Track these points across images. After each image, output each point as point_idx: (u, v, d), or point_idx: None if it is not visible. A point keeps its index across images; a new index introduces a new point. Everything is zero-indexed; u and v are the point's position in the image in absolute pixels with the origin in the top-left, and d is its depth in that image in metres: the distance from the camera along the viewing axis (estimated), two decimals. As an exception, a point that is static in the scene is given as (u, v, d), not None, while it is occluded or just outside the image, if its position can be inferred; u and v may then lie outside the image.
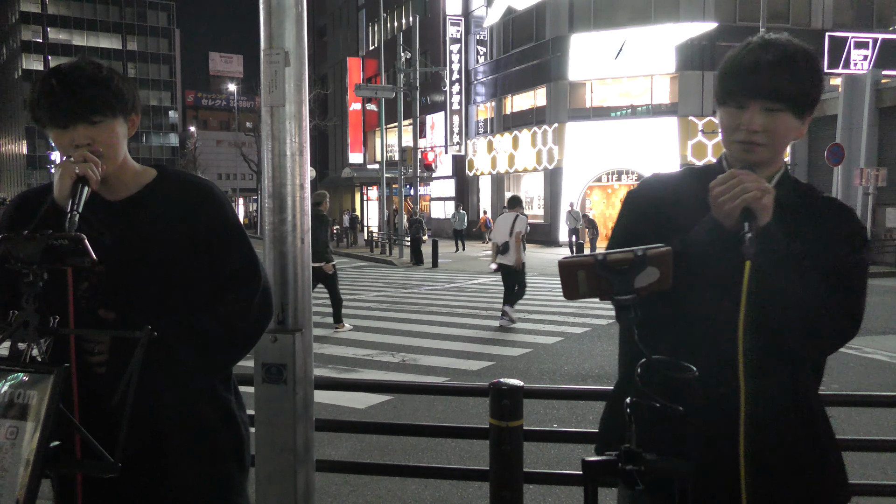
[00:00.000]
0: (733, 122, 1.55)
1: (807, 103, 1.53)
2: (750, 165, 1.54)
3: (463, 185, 36.75)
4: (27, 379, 1.43)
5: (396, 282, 16.91)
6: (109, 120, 1.65)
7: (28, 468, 1.38)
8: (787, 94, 1.50)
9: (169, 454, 1.71)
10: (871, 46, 27.31)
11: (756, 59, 1.51)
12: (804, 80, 1.51)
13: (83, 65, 1.67)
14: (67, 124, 1.61)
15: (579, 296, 1.39)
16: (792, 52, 1.51)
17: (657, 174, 1.76)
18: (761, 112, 1.51)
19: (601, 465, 1.37)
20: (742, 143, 1.54)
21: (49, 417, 1.40)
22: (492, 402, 2.72)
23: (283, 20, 2.40)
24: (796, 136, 1.57)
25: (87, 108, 1.61)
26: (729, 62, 1.56)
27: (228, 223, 1.80)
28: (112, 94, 1.65)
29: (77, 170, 1.57)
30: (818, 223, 1.58)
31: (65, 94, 1.59)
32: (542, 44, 30.44)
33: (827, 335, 1.54)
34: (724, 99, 1.57)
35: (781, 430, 1.54)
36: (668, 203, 1.63)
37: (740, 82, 1.52)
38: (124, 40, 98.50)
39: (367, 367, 7.59)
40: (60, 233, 1.45)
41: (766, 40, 1.54)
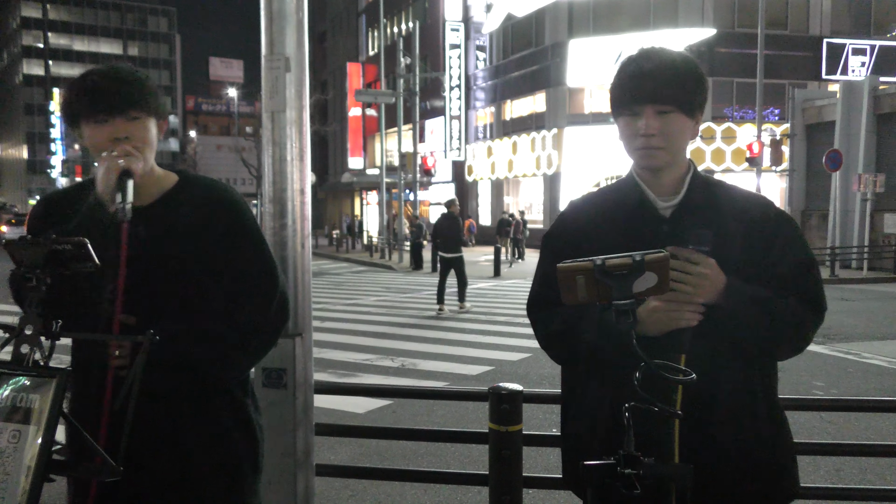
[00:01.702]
0: (630, 129, 1.63)
1: (694, 103, 1.61)
2: (653, 170, 1.63)
3: (462, 191, 36.77)
4: (29, 383, 1.44)
5: (396, 286, 16.90)
6: (145, 118, 1.70)
7: (30, 472, 1.38)
8: (673, 95, 1.58)
9: (187, 455, 1.72)
10: (868, 53, 27.40)
11: (638, 67, 1.60)
12: (685, 80, 1.60)
13: (121, 66, 1.74)
14: (107, 118, 1.65)
15: (578, 301, 1.40)
16: (670, 57, 1.61)
17: (570, 204, 1.81)
18: (654, 115, 1.59)
19: (600, 469, 1.38)
20: (642, 149, 1.61)
21: (51, 421, 1.41)
22: (491, 407, 2.73)
23: (283, 26, 2.42)
24: (692, 136, 1.65)
25: (127, 102, 1.65)
26: (616, 75, 1.65)
27: (248, 230, 1.81)
28: (149, 92, 1.71)
29: (122, 162, 1.61)
30: (743, 227, 1.62)
31: (108, 87, 1.64)
32: (541, 49, 30.50)
33: (802, 339, 1.63)
34: (618, 111, 1.65)
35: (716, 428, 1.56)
36: (580, 235, 1.69)
37: (628, 91, 1.60)
38: (125, 46, 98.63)
39: (367, 371, 7.59)
40: (64, 238, 1.46)
41: (645, 51, 1.63)
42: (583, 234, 1.68)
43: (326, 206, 51.94)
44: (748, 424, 1.59)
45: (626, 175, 1.73)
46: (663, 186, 1.65)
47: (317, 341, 4.53)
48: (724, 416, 1.57)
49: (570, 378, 1.76)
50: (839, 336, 9.43)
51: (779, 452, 1.63)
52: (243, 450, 1.81)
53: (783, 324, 1.57)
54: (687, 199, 1.64)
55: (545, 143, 29.68)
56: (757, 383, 1.62)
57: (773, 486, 1.62)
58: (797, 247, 1.65)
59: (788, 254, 1.63)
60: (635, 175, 1.69)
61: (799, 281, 1.62)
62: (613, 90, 1.65)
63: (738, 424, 1.58)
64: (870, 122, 21.06)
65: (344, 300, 13.88)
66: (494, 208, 33.79)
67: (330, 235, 35.02)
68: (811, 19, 28.07)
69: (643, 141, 1.60)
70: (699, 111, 1.64)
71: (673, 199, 1.65)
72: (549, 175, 29.69)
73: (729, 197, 1.67)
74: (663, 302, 1.48)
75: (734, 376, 1.58)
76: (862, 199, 19.71)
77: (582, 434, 1.68)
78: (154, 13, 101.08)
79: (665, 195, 1.65)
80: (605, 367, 1.59)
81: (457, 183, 36.85)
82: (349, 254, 28.82)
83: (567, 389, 1.78)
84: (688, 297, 1.48)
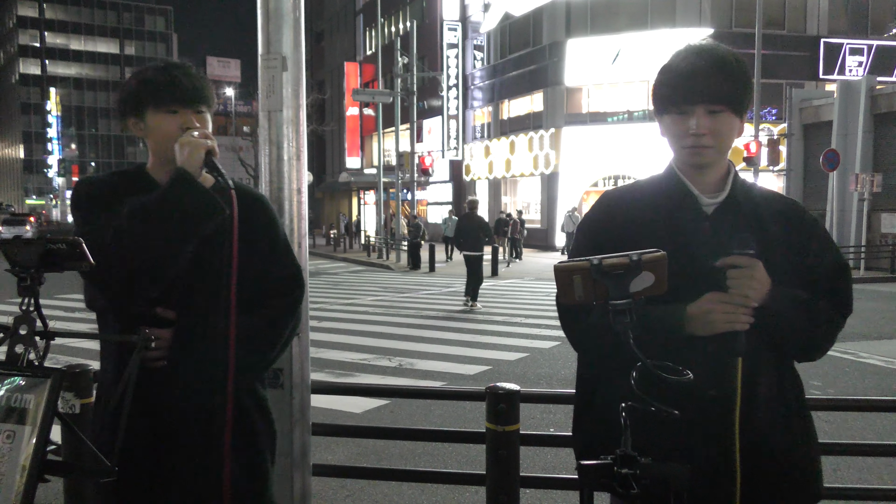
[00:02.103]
0: (680, 128, 1.60)
1: (743, 102, 1.61)
2: (699, 167, 1.62)
3: (460, 190, 36.76)
4: (24, 383, 1.43)
5: (393, 286, 16.90)
6: (206, 112, 1.84)
7: (25, 473, 1.38)
8: (726, 95, 1.57)
9: (226, 454, 1.76)
10: (865, 53, 27.44)
11: (691, 65, 1.58)
12: (738, 80, 1.59)
13: (186, 63, 1.88)
14: (178, 108, 1.78)
15: (575, 300, 1.40)
16: (723, 55, 1.59)
17: (607, 194, 1.79)
18: (706, 115, 1.57)
19: (597, 469, 1.37)
20: (691, 147, 1.60)
21: (46, 422, 1.40)
22: (488, 407, 2.72)
23: (280, 25, 2.41)
24: (738, 135, 1.64)
25: (199, 96, 1.81)
26: (665, 72, 1.63)
27: (280, 233, 1.94)
28: (210, 89, 1.86)
29: (209, 142, 1.74)
30: (781, 229, 1.63)
31: (184, 81, 1.78)
32: (538, 49, 30.51)
33: (831, 341, 1.66)
34: (666, 108, 1.63)
35: (772, 429, 1.58)
36: (618, 225, 1.67)
37: (680, 89, 1.59)
38: (122, 45, 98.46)
39: (364, 371, 7.59)
40: (58, 237, 1.46)
41: (697, 47, 1.61)
42: (623, 223, 1.66)
43: (324, 205, 51.90)
44: (785, 423, 1.61)
45: (666, 169, 1.71)
46: (706, 184, 1.64)
47: (314, 341, 4.54)
48: (767, 416, 1.58)
49: (592, 379, 1.72)
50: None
51: (811, 452, 1.66)
52: (265, 441, 1.89)
53: (821, 326, 1.60)
54: (730, 198, 1.63)
55: (543, 143, 29.68)
56: (788, 383, 1.65)
57: (804, 486, 1.63)
58: (832, 250, 1.67)
59: (824, 257, 1.65)
60: (677, 170, 1.67)
61: (834, 284, 1.64)
62: (662, 87, 1.63)
63: (780, 424, 1.60)
64: (867, 121, 21.09)
65: (341, 300, 13.87)
66: (492, 208, 33.78)
67: (327, 235, 34.98)
68: (808, 19, 28.11)
69: (693, 140, 1.58)
70: (746, 111, 1.63)
71: (716, 197, 1.64)
72: (547, 175, 29.70)
73: (766, 198, 1.68)
74: (718, 304, 1.49)
75: (771, 378, 1.60)
76: (859, 199, 19.74)
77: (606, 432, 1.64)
78: (151, 12, 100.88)
79: (707, 192, 1.64)
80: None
81: (454, 183, 36.84)
82: (346, 253, 28.80)
83: (585, 390, 1.74)
84: (744, 299, 1.49)
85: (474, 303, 12.57)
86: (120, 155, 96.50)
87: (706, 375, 1.51)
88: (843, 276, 1.67)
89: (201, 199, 1.68)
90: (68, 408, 2.87)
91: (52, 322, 1.55)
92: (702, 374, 1.47)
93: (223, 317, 1.75)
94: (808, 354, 1.66)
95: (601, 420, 1.63)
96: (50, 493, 3.65)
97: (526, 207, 31.24)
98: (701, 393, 1.52)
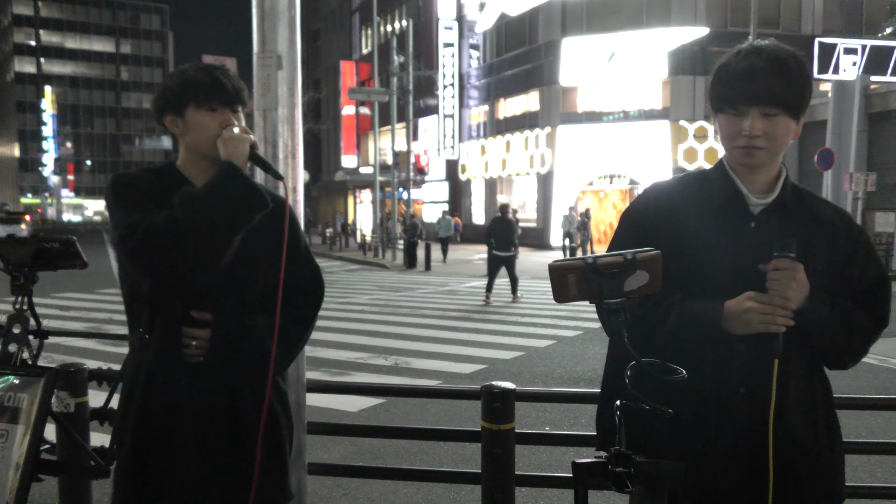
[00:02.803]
0: (734, 128, 1.58)
1: (801, 105, 1.58)
2: (752, 168, 1.60)
3: (456, 189, 36.77)
4: (18, 382, 1.43)
5: (389, 285, 16.89)
6: (241, 113, 1.91)
7: (18, 471, 1.37)
8: (783, 98, 1.54)
9: (254, 444, 1.79)
10: (860, 52, 27.49)
11: (750, 65, 1.54)
12: (796, 83, 1.55)
13: (225, 66, 1.97)
14: (218, 107, 1.85)
15: (570, 299, 1.40)
16: (783, 57, 1.55)
17: (655, 185, 1.77)
18: (761, 117, 1.55)
19: (591, 468, 1.38)
20: (744, 148, 1.58)
21: (40, 420, 1.39)
22: (484, 406, 2.73)
23: (276, 24, 2.40)
24: (793, 138, 1.62)
25: (238, 97, 1.88)
26: (722, 70, 1.60)
27: (302, 236, 2.03)
28: (246, 91, 1.93)
29: (252, 137, 1.83)
30: (827, 236, 1.62)
31: (225, 82, 1.86)
32: (534, 48, 30.51)
33: (865, 351, 1.66)
34: (721, 107, 1.60)
35: (804, 430, 1.59)
36: (663, 217, 1.65)
37: (736, 90, 1.55)
38: (117, 43, 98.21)
39: (360, 370, 7.58)
40: (52, 236, 1.45)
41: (756, 47, 1.58)
42: (669, 214, 1.65)
43: (320, 204, 51.84)
44: (814, 424, 1.61)
45: (716, 165, 1.69)
46: (756, 184, 1.63)
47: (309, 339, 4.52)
48: (799, 416, 1.58)
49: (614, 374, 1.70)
50: (831, 334, 9.46)
51: (837, 453, 1.66)
52: (288, 436, 1.95)
53: (856, 335, 1.60)
54: (779, 200, 1.62)
55: (538, 142, 29.70)
56: (818, 386, 1.65)
57: (831, 487, 1.64)
58: (875, 262, 1.67)
59: (867, 269, 1.64)
60: (728, 167, 1.65)
61: (874, 296, 1.64)
62: (718, 86, 1.60)
63: (810, 425, 1.60)
64: (861, 121, 21.14)
65: (337, 298, 13.86)
66: (488, 207, 33.78)
67: (323, 234, 34.93)
68: (803, 18, 28.17)
69: (746, 140, 1.57)
70: (803, 113, 1.61)
71: (765, 198, 1.63)
72: (543, 174, 29.71)
73: (815, 205, 1.67)
74: (758, 304, 1.49)
75: (802, 380, 1.61)
76: (853, 198, 19.79)
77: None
78: (146, 10, 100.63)
79: (756, 193, 1.63)
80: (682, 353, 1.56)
81: (450, 181, 36.83)
82: (342, 252, 28.78)
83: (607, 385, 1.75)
84: (783, 301, 1.48)
85: (515, 295, 13.55)
86: (115, 153, 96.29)
87: (738, 373, 1.52)
88: (884, 289, 1.66)
89: (249, 190, 1.73)
90: (62, 407, 2.86)
91: (46, 321, 1.54)
92: (733, 372, 1.49)
93: (266, 315, 1.82)
94: (841, 361, 1.66)
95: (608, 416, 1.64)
96: (45, 493, 3.64)
97: (521, 206, 31.24)
98: (732, 390, 1.53)
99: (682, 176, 1.78)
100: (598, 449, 1.72)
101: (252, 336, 1.79)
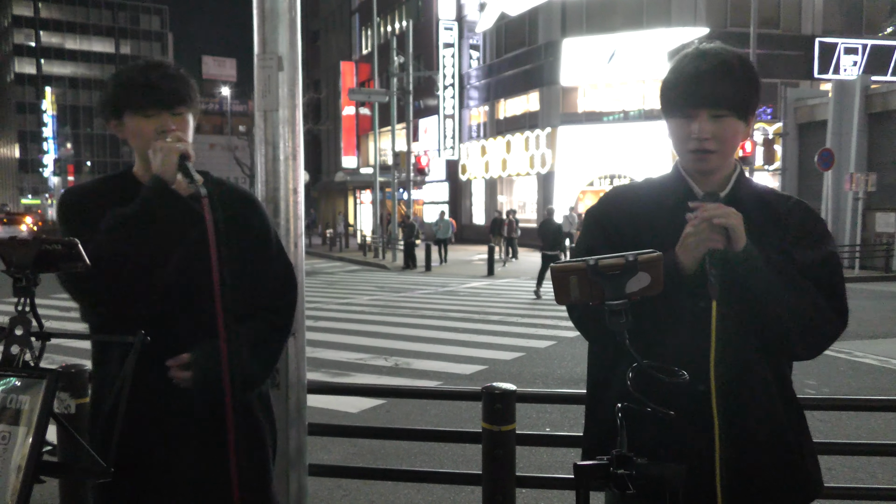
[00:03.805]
0: (683, 132, 1.60)
1: (748, 106, 1.59)
2: (705, 172, 1.62)
3: (456, 190, 36.77)
4: (20, 384, 1.43)
5: (389, 285, 16.89)
6: (186, 113, 1.80)
7: (20, 474, 1.37)
8: (730, 100, 1.56)
9: (233, 451, 1.75)
10: (860, 52, 27.51)
11: (696, 69, 1.56)
12: (742, 84, 1.57)
13: (165, 62, 1.84)
14: (154, 112, 1.74)
15: (571, 301, 1.40)
16: (728, 59, 1.57)
17: (616, 188, 1.80)
18: (709, 119, 1.56)
19: (593, 469, 1.38)
20: (694, 152, 1.59)
21: (41, 423, 1.40)
22: (484, 406, 2.73)
23: (276, 25, 2.41)
24: (743, 139, 1.63)
25: (174, 99, 1.76)
26: (669, 75, 1.62)
27: (272, 234, 1.93)
28: (191, 89, 1.81)
29: (181, 146, 1.70)
30: (781, 224, 1.63)
31: (161, 85, 1.74)
32: (534, 48, 30.52)
33: (822, 334, 1.60)
34: (671, 111, 1.62)
35: (755, 425, 1.57)
36: (625, 219, 1.67)
37: (684, 93, 1.58)
38: (117, 44, 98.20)
39: (360, 371, 7.58)
40: (53, 237, 1.45)
41: (702, 50, 1.60)
42: (629, 217, 1.66)
43: (320, 205, 51.84)
44: (776, 422, 1.60)
45: (672, 169, 1.71)
46: (710, 184, 1.64)
47: (310, 341, 4.53)
48: (756, 413, 1.57)
49: (603, 369, 1.72)
50: (831, 335, 9.46)
51: (804, 451, 1.65)
52: (269, 437, 1.91)
53: (801, 294, 1.55)
54: (731, 196, 1.63)
55: (539, 142, 29.70)
56: (778, 382, 1.63)
57: (797, 485, 1.63)
58: (830, 246, 1.65)
59: (818, 250, 1.63)
60: (682, 170, 1.67)
61: (828, 279, 1.62)
62: (667, 91, 1.62)
63: (769, 422, 1.59)
64: (861, 121, 21.14)
65: (337, 299, 13.86)
66: (488, 207, 33.79)
67: (323, 235, 34.92)
68: (803, 18, 28.17)
69: (696, 144, 1.58)
70: (752, 114, 1.62)
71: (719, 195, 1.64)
72: (543, 174, 29.71)
73: (769, 199, 1.68)
74: (692, 227, 1.49)
75: (761, 374, 1.59)
76: (854, 198, 19.80)
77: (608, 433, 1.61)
78: (146, 11, 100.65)
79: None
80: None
81: (450, 182, 36.83)
82: (343, 253, 28.77)
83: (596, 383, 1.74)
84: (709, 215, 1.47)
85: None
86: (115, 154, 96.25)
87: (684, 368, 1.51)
88: (836, 271, 1.64)
89: (177, 207, 1.65)
90: (64, 408, 2.86)
91: (47, 322, 1.54)
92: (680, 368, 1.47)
93: (248, 322, 1.77)
94: (798, 337, 1.57)
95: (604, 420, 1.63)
96: (46, 494, 3.65)
97: (522, 207, 31.24)
98: (692, 389, 1.52)
99: (643, 180, 1.81)
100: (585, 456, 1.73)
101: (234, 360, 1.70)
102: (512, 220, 24.46)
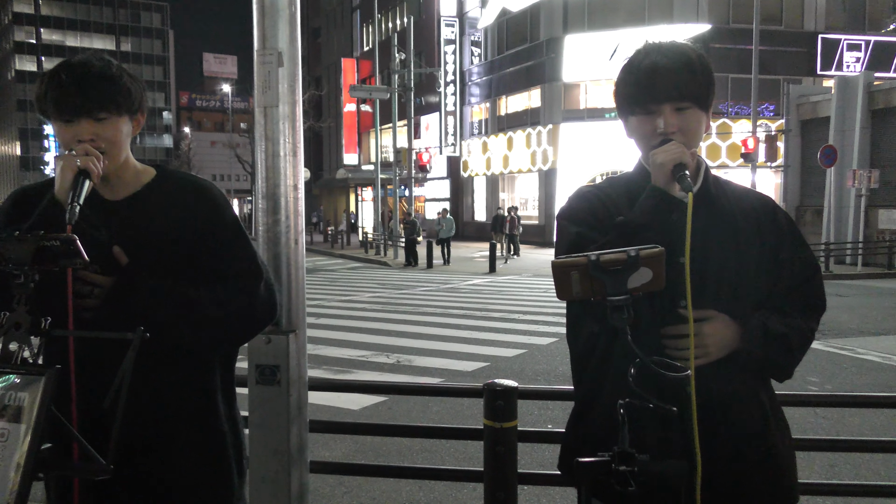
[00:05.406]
0: (647, 128, 1.60)
1: (708, 97, 1.60)
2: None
3: (458, 186, 36.77)
4: (18, 381, 1.42)
5: (391, 283, 16.89)
6: (115, 117, 1.65)
7: (19, 471, 1.37)
8: (692, 91, 1.57)
9: (172, 455, 1.70)
10: (863, 48, 27.45)
11: (654, 63, 1.56)
12: (701, 76, 1.58)
13: (93, 61, 1.66)
14: (72, 118, 1.61)
15: (573, 296, 1.39)
16: (685, 51, 1.58)
17: (580, 190, 1.77)
18: (673, 113, 1.57)
19: (595, 466, 1.37)
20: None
21: (41, 419, 1.39)
22: (486, 403, 2.72)
23: (276, 21, 2.39)
24: (705, 130, 1.64)
25: (94, 103, 1.61)
26: (626, 72, 1.61)
27: (227, 223, 1.77)
28: (119, 91, 1.65)
29: (79, 162, 1.55)
30: (753, 222, 1.64)
31: (73, 88, 1.59)
32: (536, 45, 30.48)
33: (804, 352, 1.67)
34: (630, 109, 1.62)
35: (733, 415, 1.57)
36: (602, 215, 1.65)
37: (645, 89, 1.57)
38: (118, 41, 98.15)
39: (362, 368, 7.58)
40: (52, 233, 1.43)
41: (656, 45, 1.60)
42: (600, 217, 1.65)
43: (321, 202, 51.86)
44: (755, 424, 1.60)
45: (636, 167, 1.70)
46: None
47: (311, 338, 4.53)
48: (734, 414, 1.57)
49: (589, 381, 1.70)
50: (834, 332, 9.46)
51: (784, 452, 1.64)
52: (230, 451, 1.80)
53: (799, 352, 1.63)
54: (702, 191, 1.62)
55: (540, 139, 29.68)
56: (759, 385, 1.64)
57: (778, 487, 1.62)
58: (804, 247, 1.68)
59: (797, 253, 1.66)
60: (647, 166, 1.65)
61: (807, 281, 1.66)
62: (625, 87, 1.61)
63: (748, 423, 1.59)
64: (864, 117, 21.10)
65: (338, 296, 13.87)
66: (490, 204, 33.79)
67: (325, 232, 34.94)
68: (806, 15, 28.11)
69: (662, 139, 1.57)
70: (711, 105, 1.63)
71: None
72: (545, 171, 29.70)
73: (739, 193, 1.69)
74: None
75: (740, 377, 1.59)
76: (856, 195, 19.77)
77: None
78: (147, 8, 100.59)
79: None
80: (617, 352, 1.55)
81: (452, 179, 36.84)
82: (344, 250, 28.79)
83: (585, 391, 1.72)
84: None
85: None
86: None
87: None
88: (817, 273, 1.68)
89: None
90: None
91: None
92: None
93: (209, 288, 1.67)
94: (787, 375, 1.67)
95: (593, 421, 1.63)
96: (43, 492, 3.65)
97: (524, 203, 31.23)
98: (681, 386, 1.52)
99: (605, 180, 1.80)
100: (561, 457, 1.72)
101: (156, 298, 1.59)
102: (514, 217, 24.44)
